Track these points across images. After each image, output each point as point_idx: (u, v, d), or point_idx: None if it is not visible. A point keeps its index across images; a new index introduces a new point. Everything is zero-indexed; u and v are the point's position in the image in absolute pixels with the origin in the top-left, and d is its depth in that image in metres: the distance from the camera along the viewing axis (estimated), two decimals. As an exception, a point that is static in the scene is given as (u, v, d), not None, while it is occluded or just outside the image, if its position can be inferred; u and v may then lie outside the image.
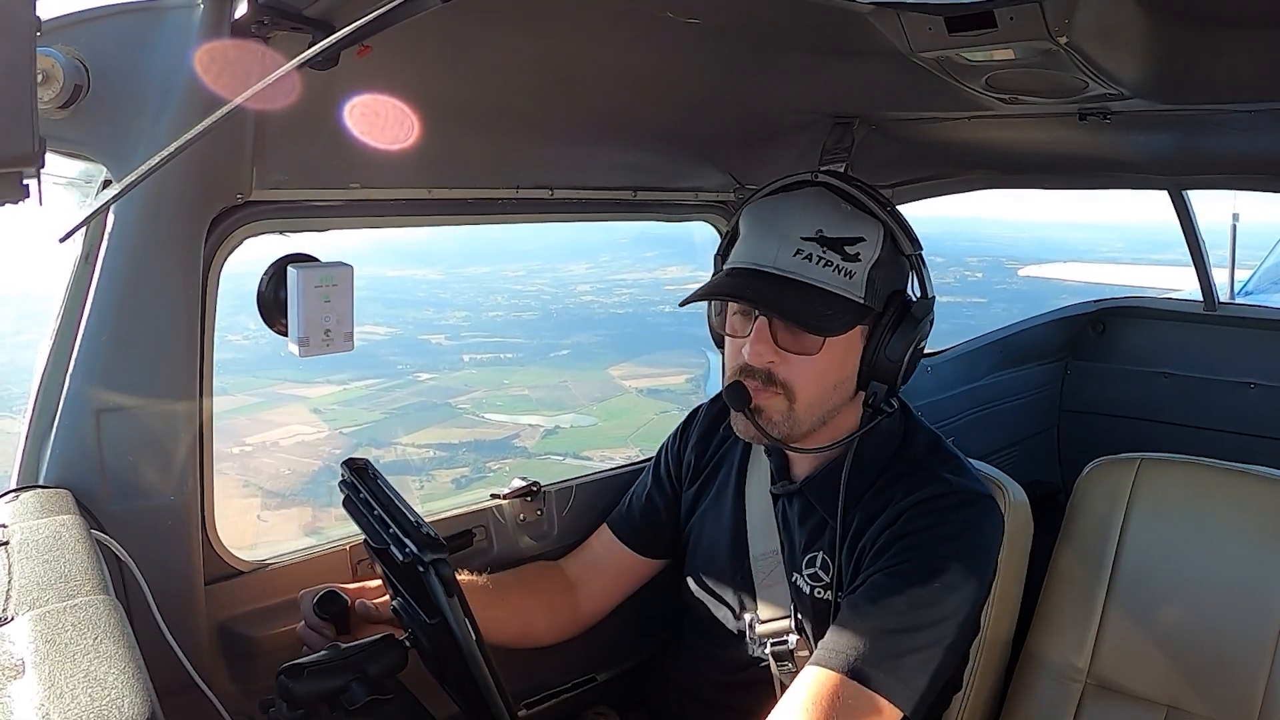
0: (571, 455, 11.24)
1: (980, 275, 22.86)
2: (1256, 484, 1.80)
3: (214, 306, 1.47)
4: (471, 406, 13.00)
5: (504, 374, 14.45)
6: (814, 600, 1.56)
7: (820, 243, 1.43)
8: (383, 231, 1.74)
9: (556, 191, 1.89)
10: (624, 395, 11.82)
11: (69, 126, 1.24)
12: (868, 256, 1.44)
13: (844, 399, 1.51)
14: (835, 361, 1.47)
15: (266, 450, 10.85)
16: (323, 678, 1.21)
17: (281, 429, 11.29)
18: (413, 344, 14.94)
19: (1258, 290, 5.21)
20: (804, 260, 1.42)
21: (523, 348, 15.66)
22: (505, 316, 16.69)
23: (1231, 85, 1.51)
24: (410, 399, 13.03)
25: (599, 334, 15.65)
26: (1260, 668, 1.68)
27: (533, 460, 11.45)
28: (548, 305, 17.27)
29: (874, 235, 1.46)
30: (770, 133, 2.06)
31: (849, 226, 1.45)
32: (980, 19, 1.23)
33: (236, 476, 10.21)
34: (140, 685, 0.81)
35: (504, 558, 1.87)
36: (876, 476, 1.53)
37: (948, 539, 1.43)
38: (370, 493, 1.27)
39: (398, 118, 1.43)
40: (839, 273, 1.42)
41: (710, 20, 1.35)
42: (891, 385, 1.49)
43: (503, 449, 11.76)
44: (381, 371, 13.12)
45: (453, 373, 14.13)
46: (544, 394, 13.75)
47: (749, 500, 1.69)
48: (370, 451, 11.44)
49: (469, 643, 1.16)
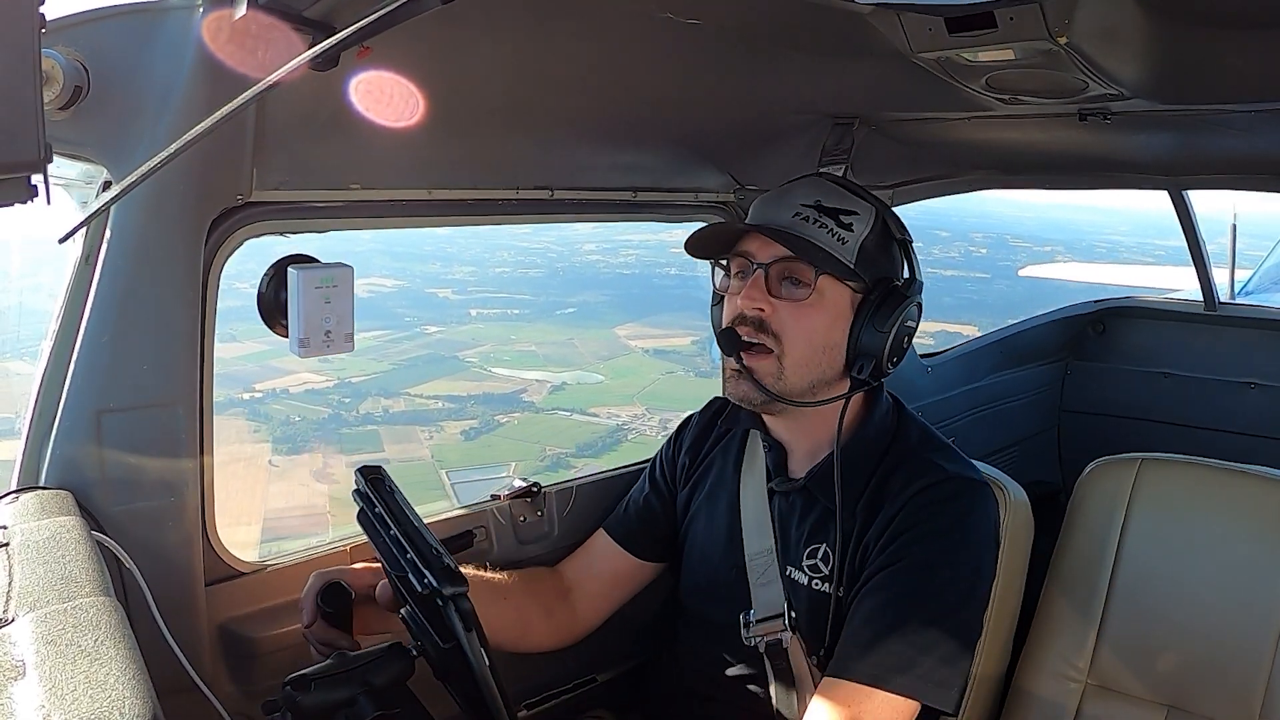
0: (579, 411, 11.29)
1: (985, 251, 22.92)
2: (1256, 484, 1.80)
3: (214, 307, 1.47)
4: (479, 360, 13.08)
5: (511, 330, 14.54)
6: (811, 592, 1.57)
7: (817, 209, 1.52)
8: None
9: (556, 192, 1.89)
10: (630, 355, 11.88)
11: (69, 128, 1.24)
12: (860, 230, 1.52)
13: (833, 369, 1.54)
14: (823, 321, 1.51)
15: (276, 397, 10.91)
16: (329, 689, 1.20)
17: (290, 376, 11.34)
18: (420, 297, 14.99)
19: (1258, 290, 5.22)
20: (801, 221, 1.51)
21: (529, 304, 15.72)
22: (512, 273, 16.72)
23: (1231, 85, 1.51)
24: (418, 351, 13.10)
25: (605, 294, 15.69)
26: (1260, 668, 1.68)
27: (540, 415, 11.52)
28: (554, 263, 17.31)
29: (867, 214, 1.54)
30: (770, 134, 2.06)
31: (845, 202, 1.54)
32: (980, 19, 1.24)
33: (247, 422, 10.26)
34: (141, 686, 0.81)
35: (504, 558, 1.87)
36: (874, 469, 1.56)
37: (947, 530, 1.47)
38: (386, 508, 1.24)
39: (397, 118, 1.43)
40: (833, 236, 1.50)
41: (710, 21, 1.36)
42: (878, 361, 1.52)
43: (510, 403, 11.82)
44: (389, 323, 13.18)
45: (460, 326, 14.23)
46: (551, 350, 13.83)
47: (744, 500, 1.70)
48: (379, 401, 11.54)
49: (484, 672, 1.13)
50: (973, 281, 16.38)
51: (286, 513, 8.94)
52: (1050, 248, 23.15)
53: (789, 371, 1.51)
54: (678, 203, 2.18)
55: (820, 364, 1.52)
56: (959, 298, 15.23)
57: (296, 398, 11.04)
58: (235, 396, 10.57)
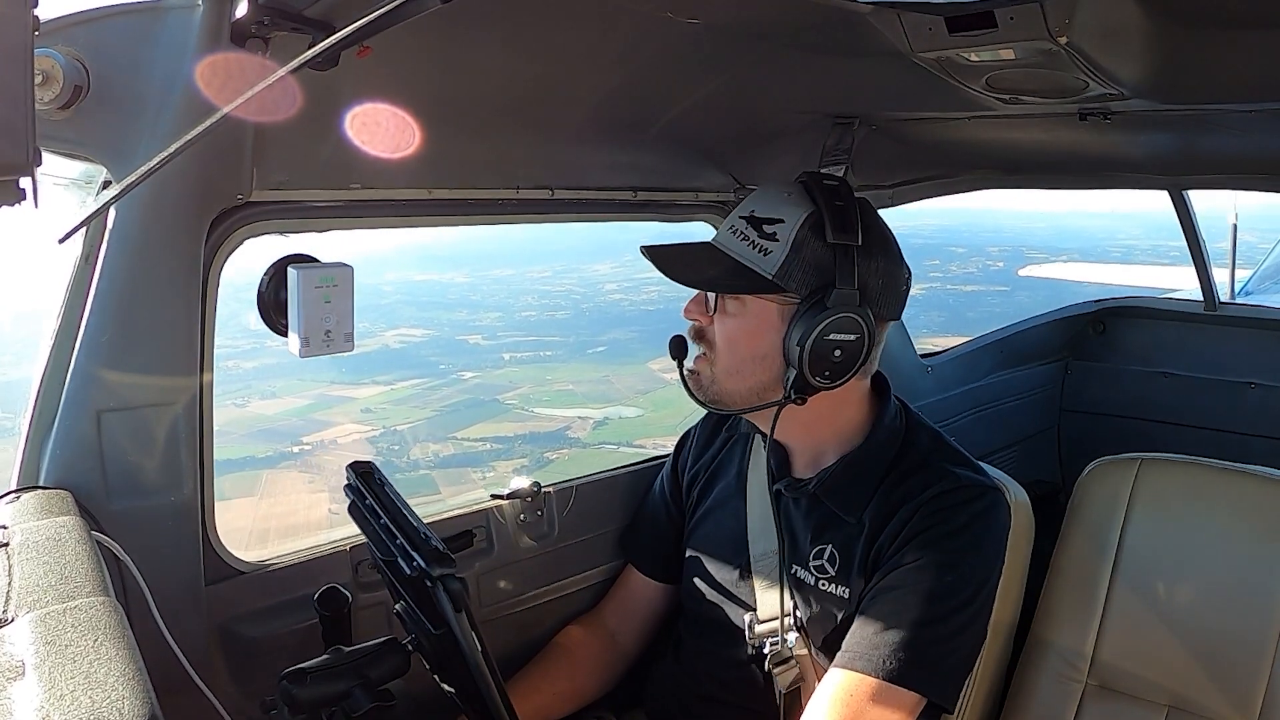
0: (625, 444, 11.53)
1: (1001, 265, 23.06)
2: (1256, 484, 1.80)
3: (214, 307, 1.47)
4: (519, 402, 13.28)
5: (546, 370, 14.77)
6: (817, 592, 1.58)
7: (749, 220, 1.54)
8: (402, 237, 1.76)
9: (556, 192, 1.89)
10: (667, 388, 12.00)
11: (68, 127, 1.24)
12: (785, 238, 1.50)
13: (769, 376, 1.54)
14: (748, 332, 1.53)
15: (325, 448, 11.05)
16: (325, 683, 1.21)
17: (336, 428, 11.51)
18: (451, 344, 15.22)
19: (1258, 290, 5.22)
20: (731, 234, 1.54)
21: (560, 345, 15.99)
22: (539, 316, 16.98)
23: (1231, 85, 1.51)
24: (458, 396, 13.29)
25: (633, 330, 15.93)
26: (1261, 667, 1.68)
27: (588, 449, 11.76)
28: (579, 304, 17.56)
29: (793, 220, 1.49)
30: (770, 133, 2.06)
31: (776, 209, 1.52)
32: (980, 19, 1.24)
33: (301, 474, 10.38)
34: (140, 686, 0.81)
35: (504, 558, 1.87)
36: (886, 473, 1.57)
37: (959, 531, 1.49)
38: (376, 499, 1.26)
39: (398, 118, 1.43)
40: (754, 248, 1.51)
41: (710, 20, 1.35)
42: (800, 371, 1.47)
43: (557, 440, 12.01)
44: (425, 371, 13.39)
45: (495, 370, 14.47)
46: (588, 388, 14.05)
47: (750, 502, 1.71)
48: (428, 447, 11.74)
49: (474, 655, 1.15)
50: (994, 295, 16.53)
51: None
52: (1066, 256, 23.30)
53: (720, 378, 1.56)
54: (678, 202, 2.17)
55: (755, 372, 1.54)
56: (981, 311, 15.36)
57: (346, 447, 11.20)
58: (285, 450, 10.78)
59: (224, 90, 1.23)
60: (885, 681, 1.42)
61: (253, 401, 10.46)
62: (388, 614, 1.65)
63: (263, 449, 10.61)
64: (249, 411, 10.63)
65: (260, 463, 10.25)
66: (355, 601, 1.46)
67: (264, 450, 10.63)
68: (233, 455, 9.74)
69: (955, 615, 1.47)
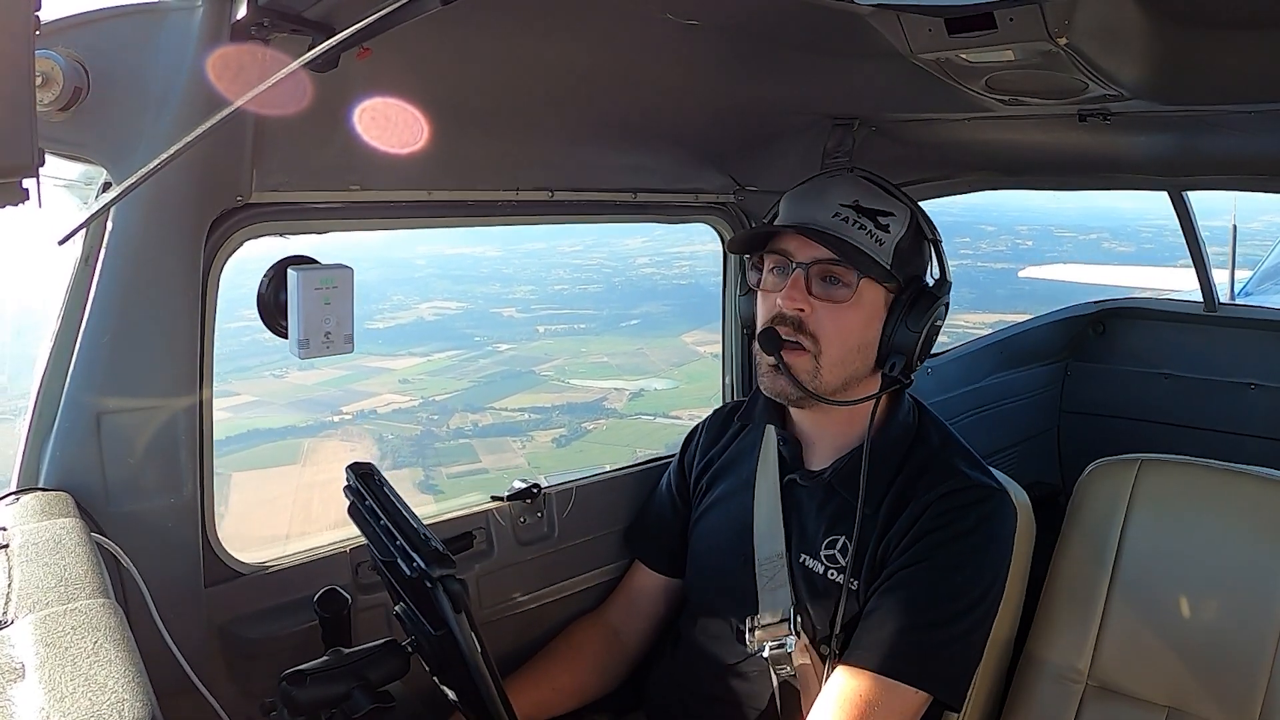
0: (661, 415, 11.67)
1: (1030, 244, 23.05)
2: (1256, 484, 1.80)
3: (214, 308, 1.47)
4: (555, 373, 13.38)
5: (580, 343, 14.89)
6: (825, 580, 1.59)
7: (856, 210, 1.54)
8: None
9: (557, 193, 1.89)
10: (701, 360, 12.15)
11: (69, 129, 1.24)
12: (896, 231, 1.55)
13: (865, 367, 1.57)
14: (859, 322, 1.54)
15: (365, 418, 11.13)
16: (325, 684, 1.21)
17: (375, 398, 11.58)
18: (485, 317, 15.35)
19: (1258, 291, 5.22)
20: (841, 221, 1.53)
21: (594, 318, 16.09)
22: (571, 289, 17.04)
23: (1231, 85, 1.51)
24: (494, 368, 13.38)
25: (666, 304, 15.96)
26: (1261, 668, 1.68)
27: (625, 420, 11.90)
28: (610, 278, 17.63)
29: (902, 214, 1.57)
30: (770, 134, 2.06)
31: (881, 202, 1.57)
32: (980, 20, 1.24)
33: (342, 442, 10.45)
34: (140, 688, 0.81)
35: (504, 560, 1.87)
36: (898, 468, 1.59)
37: (968, 533, 1.51)
38: (376, 500, 1.26)
39: (398, 119, 1.43)
40: (871, 237, 1.53)
41: (710, 22, 1.35)
42: (909, 359, 1.55)
43: (594, 410, 12.14)
44: (461, 343, 13.50)
45: (530, 343, 14.60)
46: (623, 360, 14.15)
47: (757, 501, 1.71)
48: (467, 416, 11.86)
49: (474, 656, 1.15)
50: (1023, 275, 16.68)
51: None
52: (1096, 235, 23.24)
53: (825, 370, 1.54)
54: (678, 203, 2.18)
55: (854, 362, 1.56)
56: (1011, 290, 15.38)
57: (385, 417, 11.28)
58: (326, 420, 10.86)
59: (224, 92, 1.23)
60: (893, 680, 1.44)
61: (291, 372, 10.48)
62: (388, 615, 1.65)
63: (303, 419, 10.65)
64: (287, 382, 10.64)
65: (301, 431, 10.29)
66: (355, 603, 1.46)
67: (304, 420, 10.72)
68: (274, 425, 9.82)
69: (963, 616, 1.49)
